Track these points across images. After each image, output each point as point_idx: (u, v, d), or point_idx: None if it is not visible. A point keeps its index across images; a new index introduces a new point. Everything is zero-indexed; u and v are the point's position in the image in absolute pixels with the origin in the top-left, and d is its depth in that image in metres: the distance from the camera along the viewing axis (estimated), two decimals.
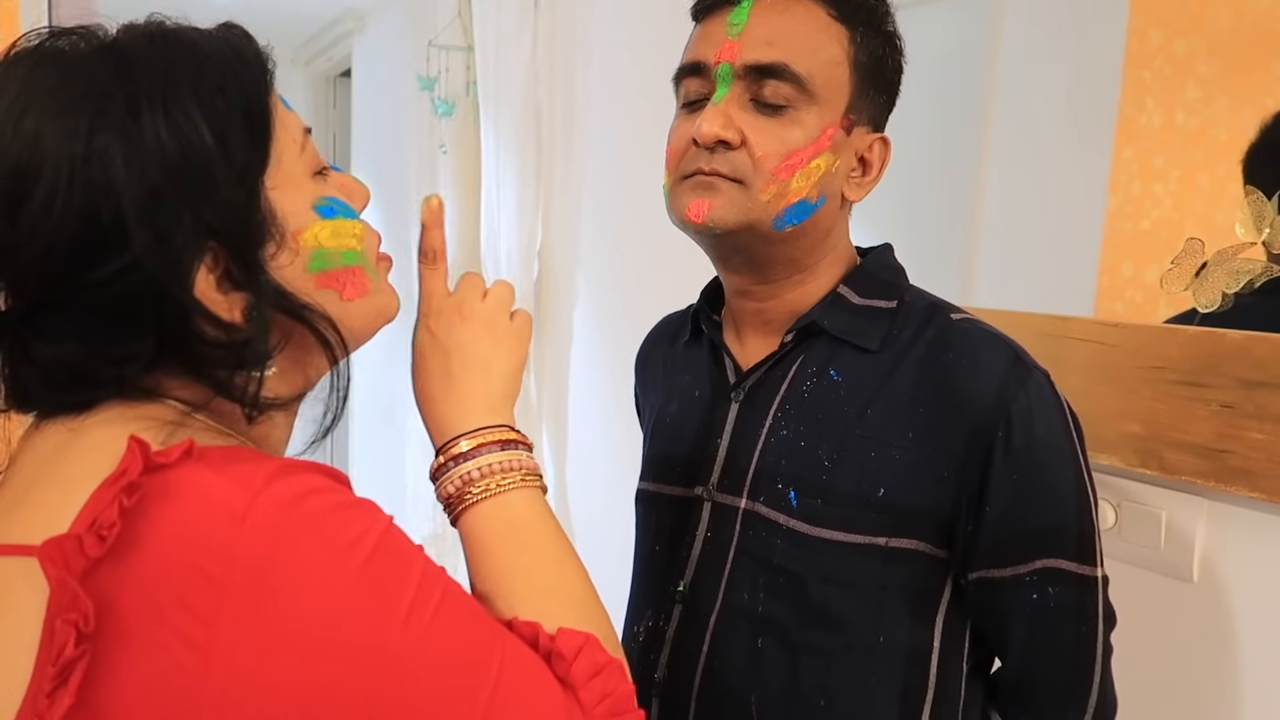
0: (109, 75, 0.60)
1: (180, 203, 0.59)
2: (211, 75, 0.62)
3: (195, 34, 0.64)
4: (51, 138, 0.57)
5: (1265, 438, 0.95)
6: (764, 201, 0.84)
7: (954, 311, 0.90)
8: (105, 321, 0.60)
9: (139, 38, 0.62)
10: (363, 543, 0.57)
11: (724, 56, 0.85)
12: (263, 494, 0.55)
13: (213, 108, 0.61)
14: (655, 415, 1.04)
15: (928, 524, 0.85)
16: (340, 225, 0.67)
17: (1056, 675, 0.87)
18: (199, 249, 0.60)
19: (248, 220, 0.62)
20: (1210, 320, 1.02)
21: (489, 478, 0.71)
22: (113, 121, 0.58)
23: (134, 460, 0.54)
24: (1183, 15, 1.09)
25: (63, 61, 0.60)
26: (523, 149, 2.40)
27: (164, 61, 0.61)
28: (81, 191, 0.57)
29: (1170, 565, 1.06)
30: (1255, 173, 1.01)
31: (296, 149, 0.66)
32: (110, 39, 0.62)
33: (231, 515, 0.54)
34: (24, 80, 0.60)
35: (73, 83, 0.59)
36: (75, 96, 0.59)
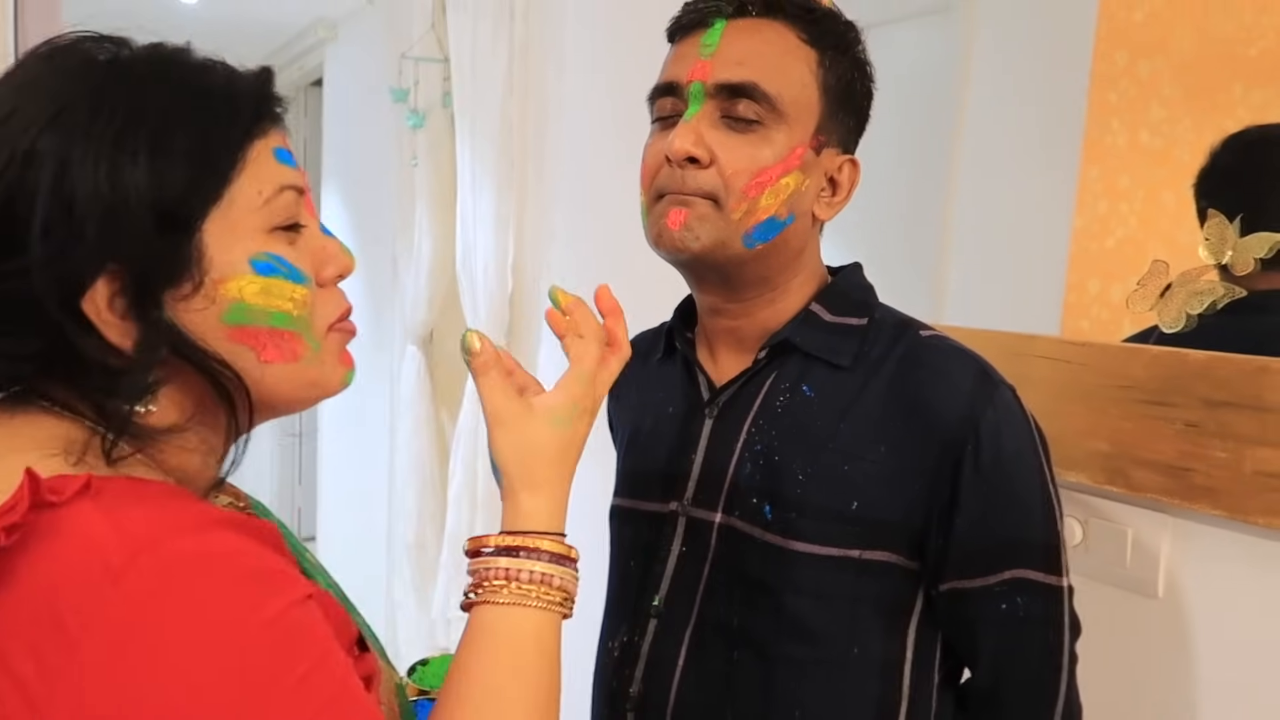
0: (89, 86, 0.60)
1: (90, 223, 0.58)
2: (183, 112, 0.61)
3: (206, 70, 0.64)
4: (12, 124, 0.58)
5: (1228, 456, 0.97)
6: (735, 220, 0.86)
7: (923, 329, 0.92)
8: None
9: (145, 60, 0.63)
10: (247, 627, 0.53)
11: (696, 75, 0.86)
12: (147, 552, 0.52)
13: (164, 144, 0.60)
14: (629, 432, 1.05)
15: (899, 536, 0.86)
16: (274, 285, 0.64)
17: (1025, 683, 0.88)
18: (96, 269, 0.59)
19: (159, 256, 0.60)
20: (1174, 340, 1.03)
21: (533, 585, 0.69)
22: (64, 130, 0.58)
23: (21, 497, 0.52)
24: (1148, 38, 1.11)
25: (70, 60, 0.61)
26: (498, 162, 2.40)
27: (146, 89, 0.61)
28: (6, 184, 0.57)
29: (1136, 581, 1.07)
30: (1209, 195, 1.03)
31: (258, 201, 0.63)
32: (126, 54, 0.63)
33: (106, 571, 0.51)
34: (36, 65, 0.61)
35: (58, 81, 0.60)
36: (50, 93, 0.59)
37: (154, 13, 3.77)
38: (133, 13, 0.66)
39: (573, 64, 2.23)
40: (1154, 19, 1.11)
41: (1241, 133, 1.02)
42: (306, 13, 3.90)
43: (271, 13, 3.97)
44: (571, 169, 2.26)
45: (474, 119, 2.47)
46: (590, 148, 2.18)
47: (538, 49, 2.33)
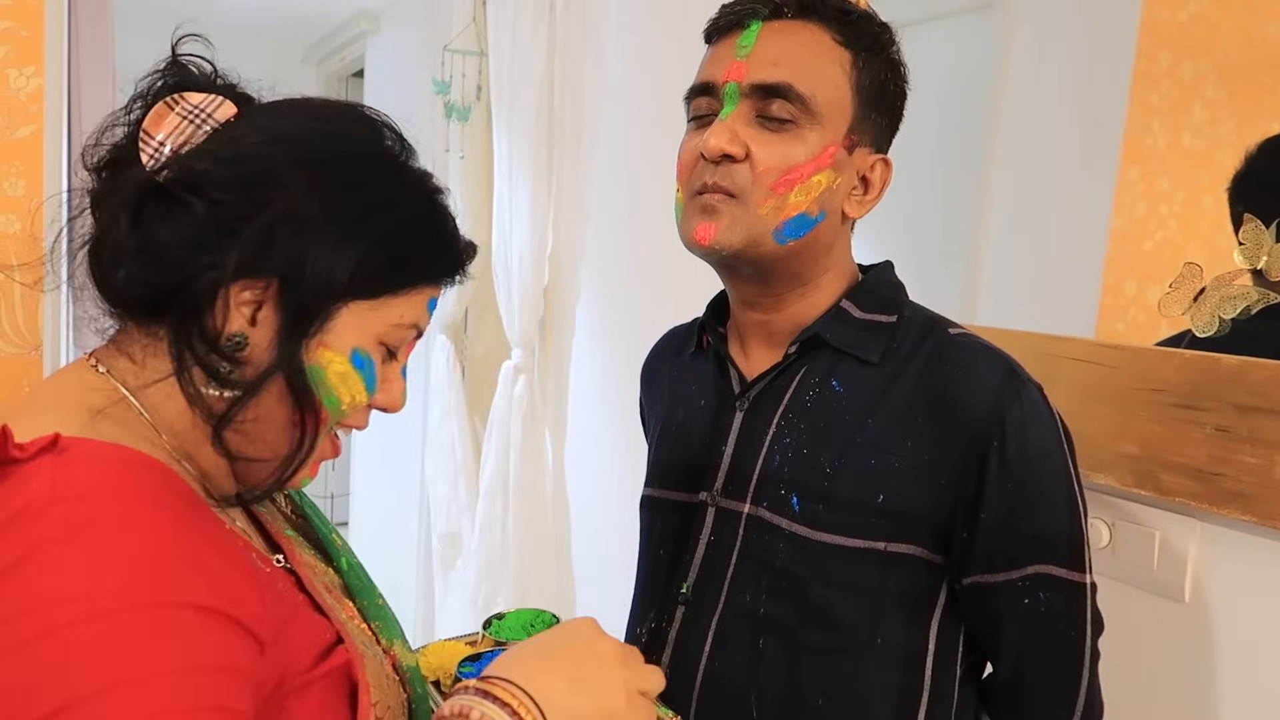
0: (375, 164, 0.73)
1: (302, 241, 0.67)
2: (415, 232, 0.74)
3: (447, 216, 0.77)
4: (304, 143, 0.70)
5: (1258, 461, 0.96)
6: (762, 215, 0.87)
7: (951, 326, 0.93)
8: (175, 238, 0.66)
9: (418, 175, 0.76)
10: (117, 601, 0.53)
11: (732, 76, 0.88)
12: (64, 504, 0.56)
13: (388, 241, 0.71)
14: (661, 424, 1.06)
15: (925, 530, 0.87)
16: (353, 377, 0.71)
17: (1046, 678, 0.89)
18: (270, 271, 0.67)
19: (319, 301, 0.69)
20: (1207, 345, 1.03)
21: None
22: (338, 180, 0.70)
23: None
24: (1192, 38, 1.10)
25: (367, 135, 0.74)
26: (535, 154, 2.42)
27: (406, 196, 0.74)
28: (277, 170, 0.68)
29: (1163, 585, 1.07)
30: (1244, 199, 1.02)
31: (394, 319, 0.73)
32: (406, 159, 0.76)
33: (26, 510, 0.55)
34: (338, 117, 0.74)
35: (354, 145, 0.73)
36: (344, 148, 0.72)
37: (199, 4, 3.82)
38: (178, 4, 0.69)
39: (611, 57, 2.24)
40: (1198, 19, 1.10)
41: (1277, 136, 1.01)
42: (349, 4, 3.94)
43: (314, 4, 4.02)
44: (608, 161, 2.27)
45: (511, 111, 2.49)
46: (627, 140, 2.19)
47: (576, 43, 2.35)
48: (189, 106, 0.69)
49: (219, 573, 0.60)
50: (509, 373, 2.55)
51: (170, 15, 0.74)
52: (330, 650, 0.68)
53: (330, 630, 0.70)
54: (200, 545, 0.60)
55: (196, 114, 0.69)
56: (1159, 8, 1.14)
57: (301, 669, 0.65)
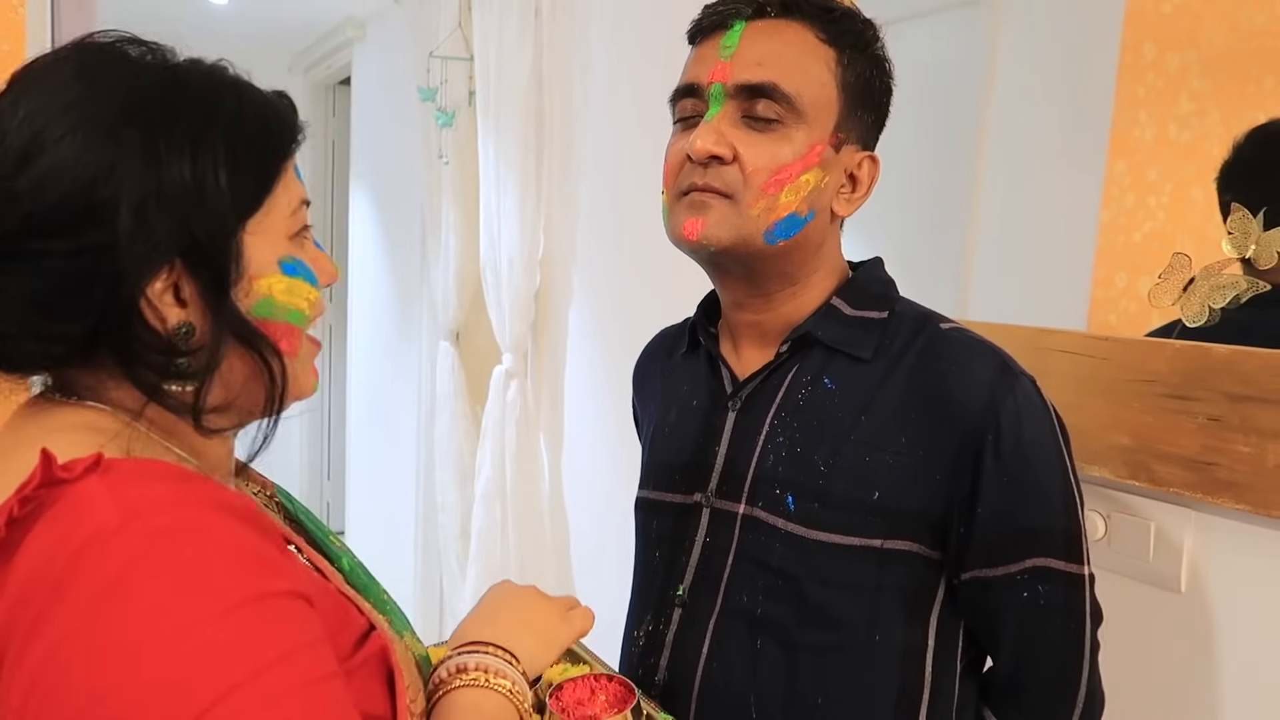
0: (162, 89, 0.66)
1: (172, 209, 0.63)
2: (245, 124, 0.68)
3: (248, 88, 0.71)
4: (95, 110, 0.63)
5: (1251, 450, 0.96)
6: (754, 215, 0.87)
7: (943, 321, 0.93)
8: (52, 289, 0.62)
9: (200, 72, 0.69)
10: (220, 603, 0.55)
11: (717, 77, 0.88)
12: (141, 519, 0.55)
13: (233, 151, 0.66)
14: (654, 425, 1.06)
15: (921, 526, 0.87)
16: (296, 285, 0.70)
17: (1047, 671, 0.89)
18: (170, 252, 0.64)
19: (223, 250, 0.66)
20: (1197, 334, 1.03)
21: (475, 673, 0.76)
22: (148, 124, 0.63)
23: (35, 475, 0.56)
24: (1176, 30, 1.10)
25: (128, 64, 0.67)
26: (523, 158, 2.42)
27: (213, 98, 0.67)
28: (93, 163, 0.61)
29: (1159, 576, 1.07)
30: (1233, 189, 1.02)
31: (287, 210, 0.71)
32: (175, 63, 0.69)
33: (99, 533, 0.54)
34: (91, 65, 0.66)
35: (128, 83, 0.65)
36: (127, 90, 0.64)
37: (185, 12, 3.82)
38: (165, 12, 0.69)
39: (598, 60, 2.24)
40: (1183, 11, 1.10)
41: (1264, 125, 1.01)
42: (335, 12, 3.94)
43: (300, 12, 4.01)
44: (597, 164, 2.27)
45: (498, 116, 2.48)
46: (615, 142, 2.19)
47: (563, 46, 2.35)
48: None
49: (285, 564, 0.62)
50: (500, 377, 2.55)
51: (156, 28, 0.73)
52: (365, 638, 0.70)
53: (361, 619, 0.71)
54: (262, 540, 0.61)
55: None
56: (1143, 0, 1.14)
57: (344, 655, 0.66)
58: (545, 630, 0.82)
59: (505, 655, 0.78)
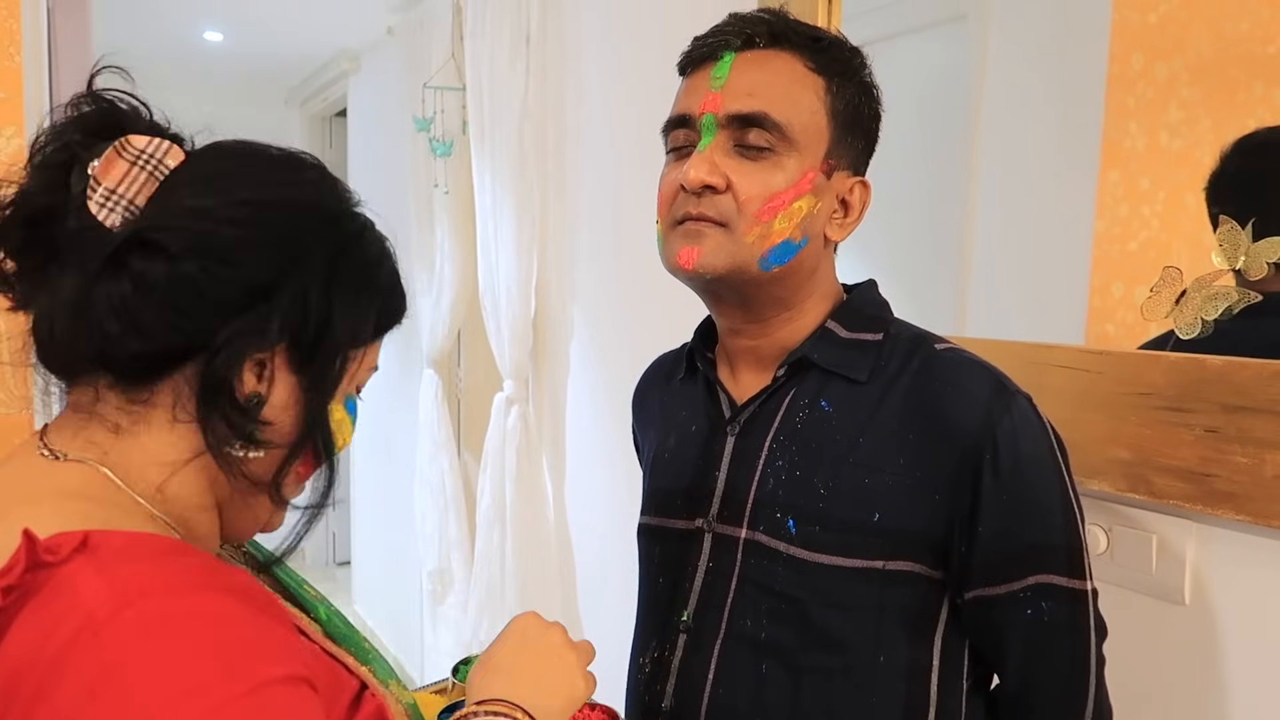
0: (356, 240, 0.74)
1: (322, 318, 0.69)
2: (393, 293, 0.77)
3: (393, 266, 0.78)
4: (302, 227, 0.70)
5: (1249, 461, 0.96)
6: (749, 243, 0.87)
7: (938, 342, 0.93)
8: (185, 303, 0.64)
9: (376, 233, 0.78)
10: (219, 695, 0.52)
11: (708, 108, 0.89)
12: (133, 606, 0.53)
13: (375, 300, 0.74)
14: (654, 451, 1.06)
15: (922, 546, 0.87)
16: (347, 424, 0.75)
17: (1054, 687, 0.88)
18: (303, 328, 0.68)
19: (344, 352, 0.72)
20: (1191, 346, 1.03)
21: None
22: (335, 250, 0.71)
23: (19, 559, 0.53)
24: (1164, 39, 1.11)
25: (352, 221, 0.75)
26: (518, 186, 2.42)
27: (380, 260, 0.76)
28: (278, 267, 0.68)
29: (1162, 588, 1.07)
30: (1221, 200, 1.03)
31: (368, 365, 0.77)
32: (370, 230, 0.77)
33: (90, 622, 0.52)
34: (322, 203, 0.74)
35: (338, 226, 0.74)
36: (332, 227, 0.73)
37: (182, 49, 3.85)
38: (162, 49, 0.69)
39: (590, 85, 2.26)
40: (1169, 20, 1.11)
41: (1250, 135, 1.01)
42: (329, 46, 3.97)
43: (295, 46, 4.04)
44: (592, 189, 2.28)
45: (493, 144, 2.50)
46: (610, 167, 2.20)
47: (555, 73, 2.36)
48: (137, 151, 0.65)
49: (283, 642, 0.60)
50: (501, 404, 2.55)
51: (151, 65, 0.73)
52: (358, 699, 0.68)
53: (352, 679, 0.69)
54: (260, 614, 0.59)
55: (147, 160, 0.65)
56: (1129, 11, 1.15)
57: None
58: (569, 692, 0.80)
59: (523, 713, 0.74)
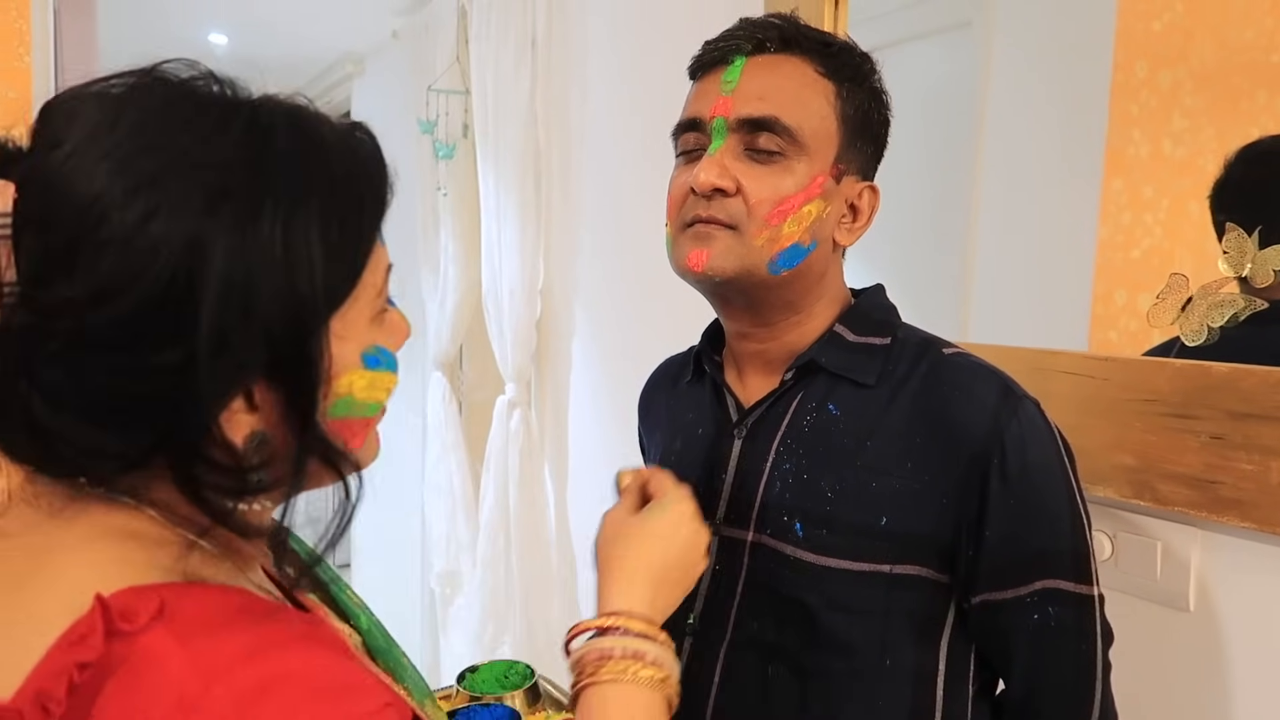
0: (245, 153, 0.54)
1: (260, 314, 0.52)
2: (341, 196, 0.57)
3: (332, 134, 0.59)
4: (166, 200, 0.51)
5: (1254, 468, 0.96)
6: (758, 246, 0.88)
7: (945, 346, 0.93)
8: (109, 407, 0.52)
9: (281, 123, 0.56)
10: None
11: (719, 111, 0.89)
12: (221, 682, 0.50)
13: (327, 232, 0.55)
14: (660, 454, 1.06)
15: (929, 550, 0.87)
16: (378, 378, 0.62)
17: (1060, 692, 0.88)
18: (254, 370, 0.54)
19: (312, 356, 0.56)
20: (1196, 353, 1.03)
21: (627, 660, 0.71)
22: (233, 208, 0.52)
23: (93, 628, 0.49)
24: (1167, 47, 1.11)
25: (200, 111, 0.55)
26: (522, 189, 2.43)
27: (302, 162, 0.55)
28: (169, 271, 0.51)
29: (1167, 595, 1.07)
30: (1227, 208, 1.03)
31: (374, 291, 0.60)
32: (251, 104, 0.56)
33: (181, 704, 0.49)
34: (153, 113, 0.54)
35: (207, 146, 0.53)
36: (204, 164, 0.53)
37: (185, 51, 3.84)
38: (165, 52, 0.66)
39: (595, 89, 2.26)
40: (1173, 29, 1.11)
41: (1254, 144, 1.02)
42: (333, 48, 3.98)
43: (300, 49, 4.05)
44: (596, 192, 2.28)
45: (497, 147, 2.50)
46: (614, 171, 2.20)
47: (560, 76, 2.36)
48: None
49: (361, 670, 0.57)
50: (503, 407, 2.55)
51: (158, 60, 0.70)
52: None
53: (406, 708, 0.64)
54: (339, 657, 0.56)
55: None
56: (1133, 19, 1.15)
57: None
58: (688, 581, 0.78)
59: (650, 633, 0.72)
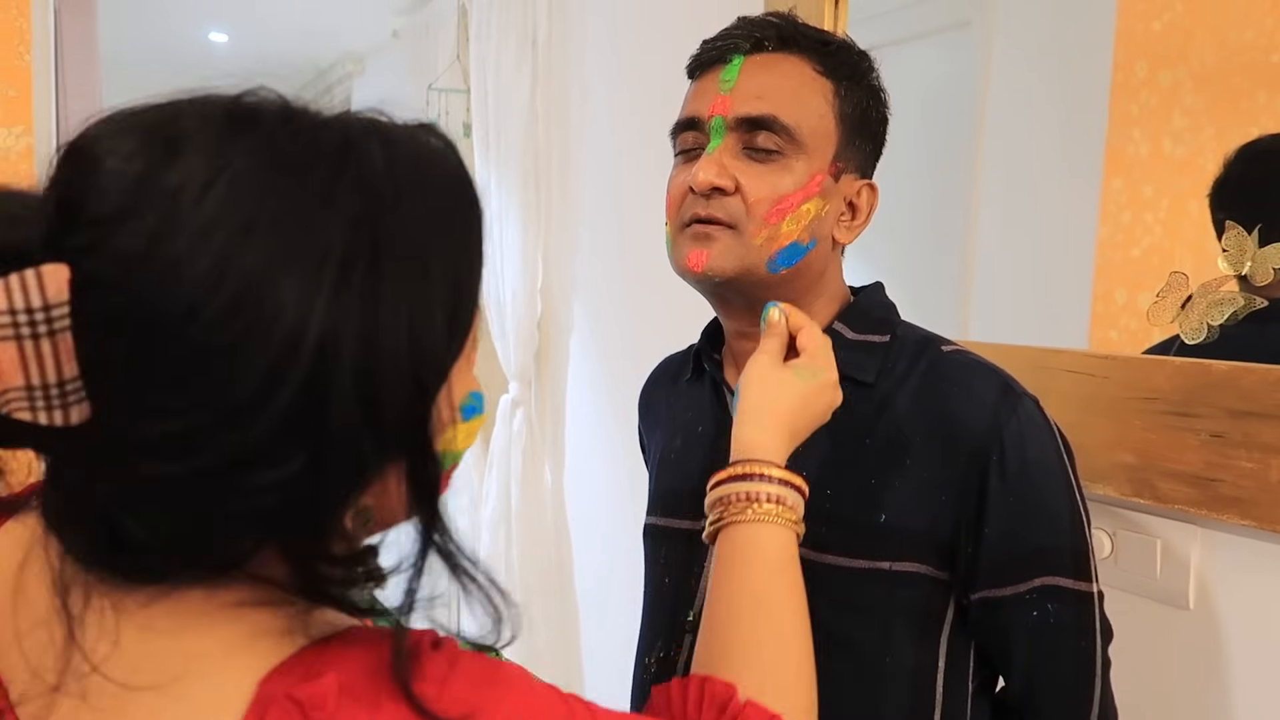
0: (361, 211, 0.45)
1: (389, 406, 0.46)
2: (455, 241, 0.49)
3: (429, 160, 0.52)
4: (289, 288, 0.43)
5: (1254, 466, 0.96)
6: (757, 245, 0.88)
7: (945, 344, 0.93)
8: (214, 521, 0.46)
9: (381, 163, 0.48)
10: None
11: (717, 110, 0.89)
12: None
13: (446, 291, 0.48)
14: (660, 452, 1.07)
15: (929, 547, 0.87)
16: (474, 426, 0.56)
17: (1059, 690, 0.89)
18: (381, 463, 0.48)
19: (430, 434, 0.49)
20: (1196, 351, 1.03)
21: (771, 505, 0.75)
22: (359, 286, 0.44)
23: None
24: (1167, 47, 1.11)
25: (302, 163, 0.46)
26: (523, 188, 2.43)
27: (417, 213, 0.48)
28: (302, 376, 0.43)
29: (1166, 593, 1.07)
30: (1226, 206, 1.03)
31: (474, 339, 0.53)
32: (342, 149, 0.47)
33: None
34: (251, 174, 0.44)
35: (325, 211, 0.45)
36: (323, 238, 0.44)
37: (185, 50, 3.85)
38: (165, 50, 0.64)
39: (595, 88, 2.26)
40: (1173, 28, 1.11)
41: (1254, 142, 1.02)
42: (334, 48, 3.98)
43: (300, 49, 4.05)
44: (596, 191, 2.28)
45: (498, 147, 2.50)
46: (614, 169, 2.21)
47: (560, 76, 2.37)
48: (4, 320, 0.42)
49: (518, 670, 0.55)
50: (507, 406, 2.55)
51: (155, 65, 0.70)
52: None
53: None
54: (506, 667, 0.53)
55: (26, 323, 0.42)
56: (1133, 18, 1.15)
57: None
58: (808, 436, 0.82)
59: (791, 480, 0.76)
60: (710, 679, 0.67)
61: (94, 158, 0.44)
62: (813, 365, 0.83)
